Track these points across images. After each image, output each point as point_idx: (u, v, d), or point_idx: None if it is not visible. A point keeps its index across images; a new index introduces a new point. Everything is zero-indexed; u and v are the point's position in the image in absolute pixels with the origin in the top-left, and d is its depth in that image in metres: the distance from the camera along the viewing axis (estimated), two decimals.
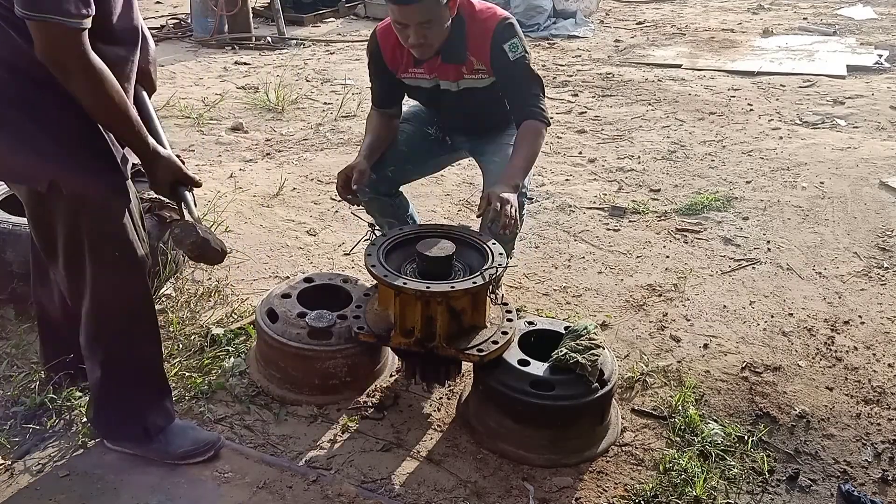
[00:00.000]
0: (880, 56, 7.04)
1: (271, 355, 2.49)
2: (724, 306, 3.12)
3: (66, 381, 2.41)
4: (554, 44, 7.68)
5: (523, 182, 2.49)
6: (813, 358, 2.80)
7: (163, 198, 2.97)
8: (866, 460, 2.34)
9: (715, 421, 2.46)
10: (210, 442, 2.23)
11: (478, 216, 2.39)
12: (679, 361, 2.76)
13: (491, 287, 2.31)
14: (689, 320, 3.02)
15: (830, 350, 2.85)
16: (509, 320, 2.36)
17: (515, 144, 2.53)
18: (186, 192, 2.06)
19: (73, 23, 1.68)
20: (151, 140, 1.95)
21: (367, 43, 2.75)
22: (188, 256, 2.07)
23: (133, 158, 2.01)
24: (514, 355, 2.31)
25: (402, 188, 2.95)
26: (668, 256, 3.53)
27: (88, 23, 1.72)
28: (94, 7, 1.72)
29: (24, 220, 2.70)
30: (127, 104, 1.87)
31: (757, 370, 2.71)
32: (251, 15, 7.75)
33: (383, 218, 2.89)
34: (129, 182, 2.01)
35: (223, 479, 2.16)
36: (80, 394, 2.39)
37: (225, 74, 6.39)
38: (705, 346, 2.86)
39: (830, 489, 2.23)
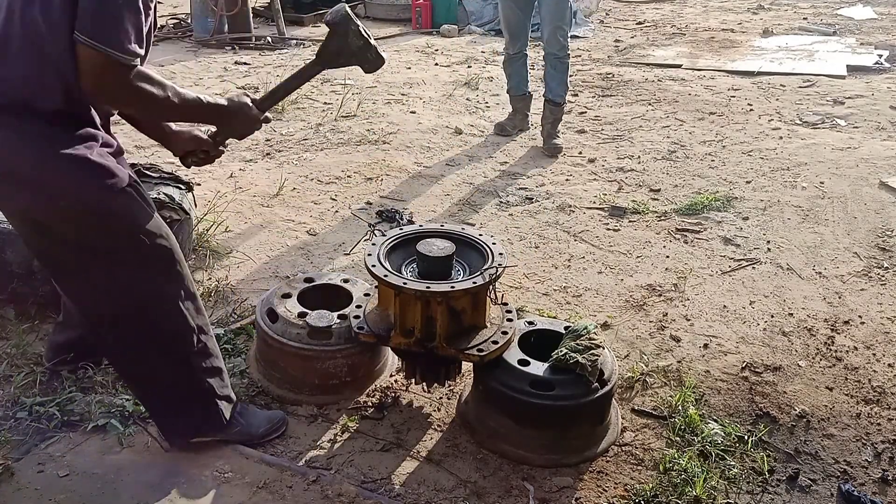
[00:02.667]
0: (880, 56, 7.04)
1: (271, 355, 2.49)
2: (724, 306, 3.12)
3: (68, 381, 2.41)
4: None
5: None
6: (813, 358, 2.80)
7: (166, 198, 2.99)
8: (866, 460, 2.34)
9: (715, 421, 2.46)
10: (281, 418, 2.34)
11: None
12: (679, 361, 2.76)
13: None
14: (689, 320, 3.02)
15: (830, 350, 2.85)
16: (509, 320, 2.36)
17: None
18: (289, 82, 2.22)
19: (125, 58, 1.74)
20: (215, 99, 2.04)
21: None
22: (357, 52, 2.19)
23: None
24: (514, 355, 2.30)
25: None
26: (668, 256, 3.53)
27: (138, 62, 1.79)
28: (144, 48, 1.82)
29: None
30: (180, 96, 1.90)
31: (757, 370, 2.71)
32: (251, 15, 7.75)
33: (519, 72, 4.92)
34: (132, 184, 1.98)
35: (223, 479, 2.16)
36: (83, 394, 2.39)
37: (225, 74, 6.39)
38: (705, 346, 2.86)
39: (830, 489, 2.23)
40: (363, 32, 2.16)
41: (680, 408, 2.48)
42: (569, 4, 4.69)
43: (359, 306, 2.45)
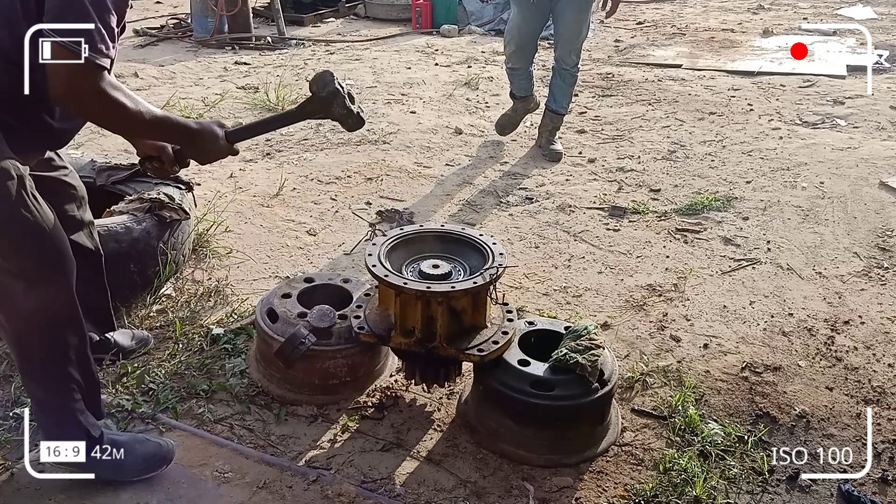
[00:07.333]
0: (880, 56, 7.04)
1: (271, 355, 2.49)
2: (724, 306, 3.12)
3: None
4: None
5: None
6: (813, 358, 2.81)
7: (166, 198, 2.99)
8: (866, 460, 2.34)
9: (715, 421, 2.46)
10: (160, 455, 2.15)
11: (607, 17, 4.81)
12: (679, 361, 2.76)
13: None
14: (689, 320, 3.02)
15: (830, 350, 2.85)
16: (509, 320, 2.36)
17: None
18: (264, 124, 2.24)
19: (96, 57, 1.65)
20: (185, 120, 2.02)
21: None
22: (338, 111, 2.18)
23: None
24: (514, 355, 2.31)
25: None
26: (668, 256, 3.53)
27: (108, 63, 1.70)
28: (114, 51, 1.71)
29: None
30: (151, 112, 1.88)
31: (757, 370, 2.71)
32: (251, 15, 7.75)
33: (523, 81, 4.73)
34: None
35: (223, 479, 2.16)
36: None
37: (225, 74, 6.39)
38: (705, 346, 2.86)
39: (830, 489, 2.23)
40: (347, 103, 2.15)
41: (680, 408, 2.48)
42: (587, 22, 4.57)
43: (359, 306, 2.45)
